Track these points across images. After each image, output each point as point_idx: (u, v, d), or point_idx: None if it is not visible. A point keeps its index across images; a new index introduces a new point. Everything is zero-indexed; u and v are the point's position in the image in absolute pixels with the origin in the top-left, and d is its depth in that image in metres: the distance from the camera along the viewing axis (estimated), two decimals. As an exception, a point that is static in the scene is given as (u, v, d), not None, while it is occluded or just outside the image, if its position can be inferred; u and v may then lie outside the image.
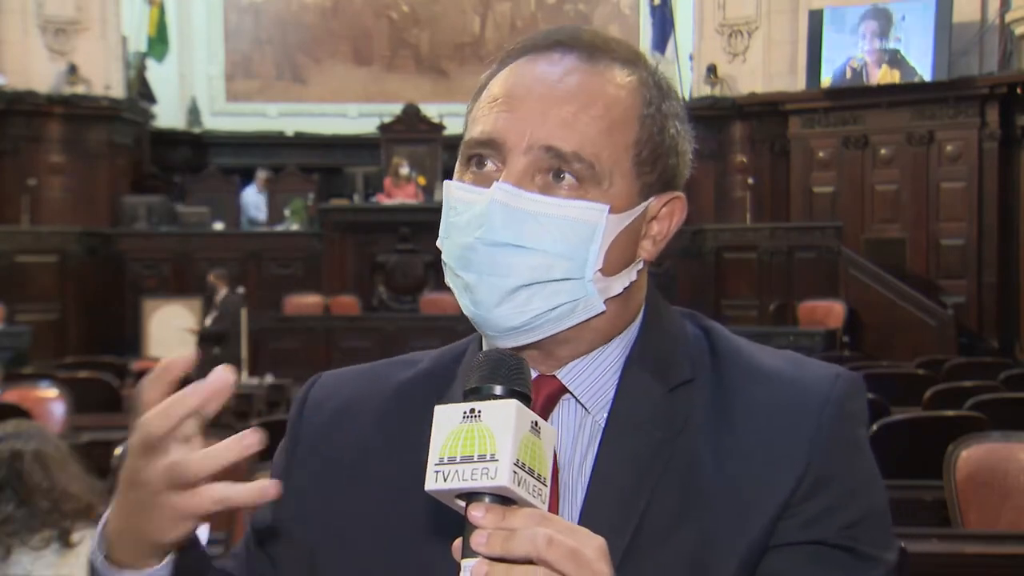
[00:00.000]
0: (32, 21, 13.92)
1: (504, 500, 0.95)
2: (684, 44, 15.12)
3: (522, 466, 0.95)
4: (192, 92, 17.26)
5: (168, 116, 16.69)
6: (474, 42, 17.75)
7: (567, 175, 1.11)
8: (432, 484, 0.96)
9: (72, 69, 13.97)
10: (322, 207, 13.97)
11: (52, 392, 6.05)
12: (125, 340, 12.89)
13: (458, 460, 0.95)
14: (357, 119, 17.09)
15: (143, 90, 15.80)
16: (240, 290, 11.34)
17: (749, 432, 1.13)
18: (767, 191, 14.02)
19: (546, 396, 1.15)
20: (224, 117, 17.33)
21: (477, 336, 1.23)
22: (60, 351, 12.04)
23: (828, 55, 13.35)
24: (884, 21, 13.04)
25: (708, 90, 14.40)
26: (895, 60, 12.92)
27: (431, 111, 15.33)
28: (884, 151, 13.27)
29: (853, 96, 13.29)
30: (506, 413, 0.96)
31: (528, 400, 0.99)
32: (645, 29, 16.22)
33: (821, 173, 13.72)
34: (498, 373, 0.99)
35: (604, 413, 1.15)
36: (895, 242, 13.11)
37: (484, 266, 1.11)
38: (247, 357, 11.79)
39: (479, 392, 0.99)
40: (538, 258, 1.10)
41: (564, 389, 1.16)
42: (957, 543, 3.53)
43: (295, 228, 14.25)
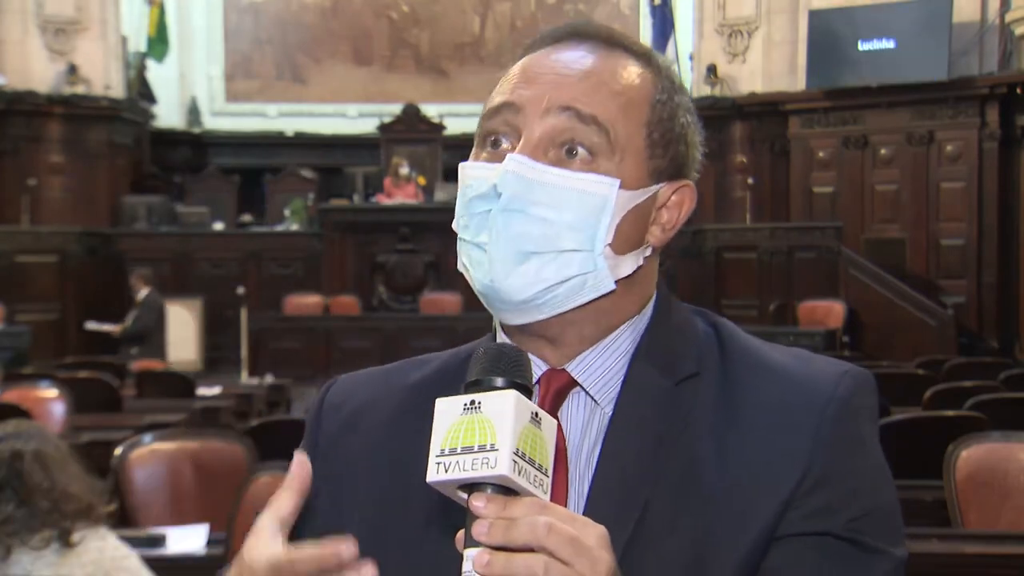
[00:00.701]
0: (32, 21, 13.92)
1: (506, 491, 0.95)
2: (684, 44, 15.11)
3: (522, 456, 0.95)
4: (192, 92, 17.27)
5: (168, 116, 16.69)
6: (474, 42, 17.74)
7: (580, 149, 1.13)
8: (433, 476, 0.97)
9: (72, 69, 13.97)
10: (322, 207, 13.97)
11: (52, 392, 6.06)
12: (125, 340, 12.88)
13: (459, 451, 0.96)
14: (357, 119, 17.09)
15: (143, 90, 15.81)
16: (152, 292, 11.15)
17: (753, 428, 1.13)
18: (767, 191, 14.02)
19: (556, 390, 1.16)
20: (224, 117, 17.33)
21: (489, 336, 1.25)
22: (60, 351, 12.03)
23: (828, 55, 13.34)
24: (884, 21, 13.03)
25: (708, 90, 14.40)
26: (895, 60, 12.92)
27: (431, 111, 15.33)
28: (884, 151, 13.28)
29: (853, 96, 13.28)
30: (505, 404, 0.96)
31: (529, 392, 1.00)
32: (645, 29, 16.21)
33: (821, 173, 13.72)
34: (498, 365, 1.00)
35: (612, 406, 1.16)
36: (895, 242, 13.11)
37: (496, 235, 1.12)
38: (247, 357, 11.81)
39: (479, 384, 1.00)
40: (549, 227, 1.12)
41: (574, 382, 1.17)
42: (957, 543, 3.54)
43: (295, 228, 14.25)
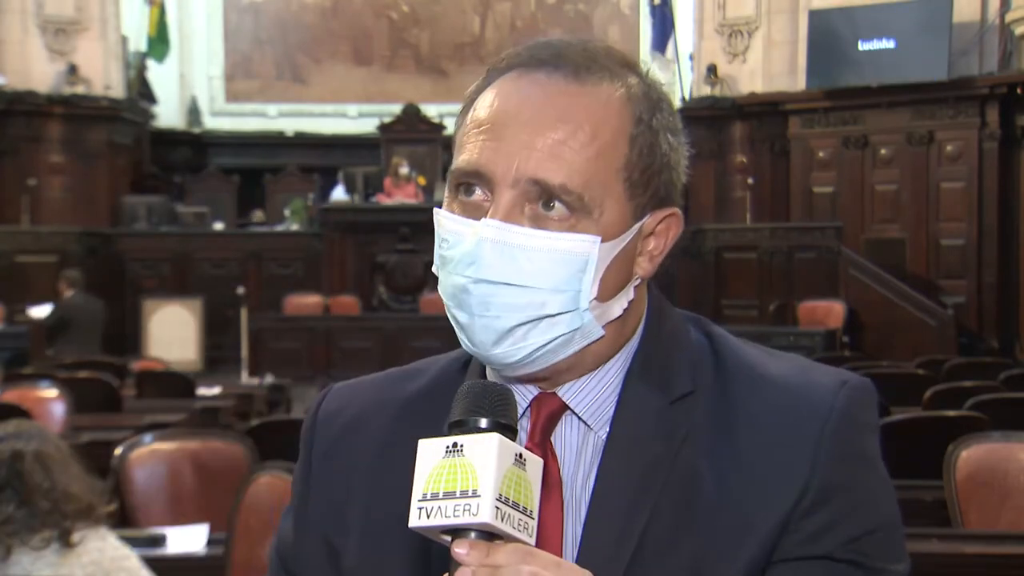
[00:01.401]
0: (32, 21, 13.92)
1: (490, 536, 0.94)
2: (684, 44, 15.12)
3: (506, 500, 0.94)
4: (192, 92, 17.27)
5: (168, 116, 16.70)
6: (474, 42, 17.75)
7: (557, 203, 1.09)
8: (415, 521, 0.95)
9: (72, 69, 13.97)
10: (322, 207, 13.97)
11: (52, 392, 6.05)
12: (125, 340, 12.88)
13: (441, 496, 0.94)
14: (357, 119, 17.11)
15: (143, 90, 15.81)
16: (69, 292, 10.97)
17: (751, 444, 1.11)
18: (767, 191, 14.01)
19: (547, 415, 1.15)
20: (224, 117, 17.34)
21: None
22: (60, 351, 12.02)
23: (828, 55, 13.34)
24: (884, 21, 13.03)
25: (708, 90, 14.40)
26: (895, 60, 12.92)
27: (431, 111, 15.33)
28: (884, 151, 13.27)
29: (853, 96, 13.28)
30: (488, 447, 0.95)
31: (513, 432, 0.98)
32: (645, 29, 16.23)
33: (821, 173, 13.72)
34: (482, 405, 0.99)
35: (607, 428, 1.14)
36: (895, 242, 13.11)
37: (477, 307, 1.09)
38: (247, 357, 11.79)
39: (462, 425, 0.98)
40: (531, 295, 1.09)
41: (565, 407, 1.15)
42: (957, 543, 3.53)
43: (295, 228, 14.25)
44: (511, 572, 0.92)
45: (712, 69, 14.39)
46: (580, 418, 1.15)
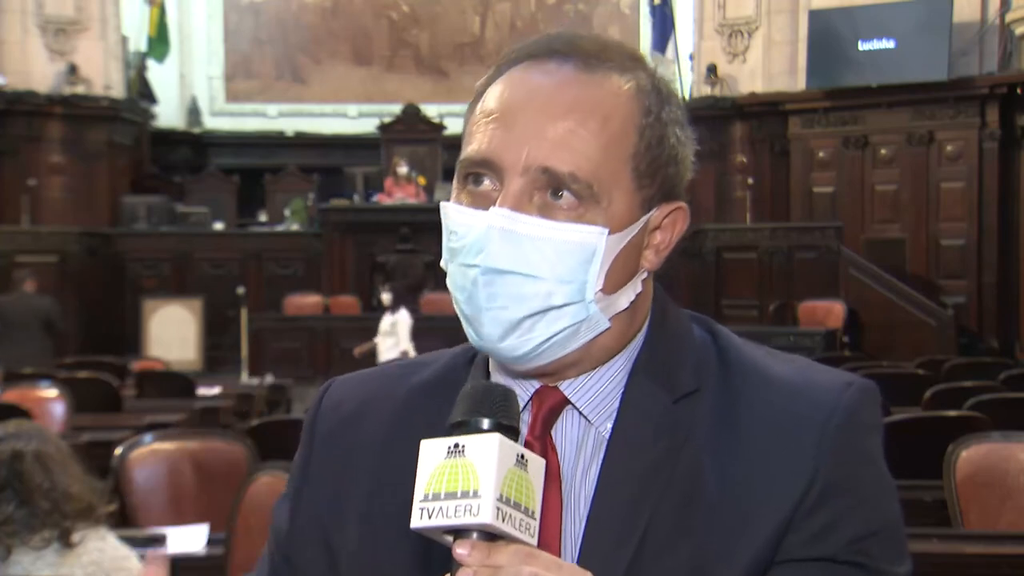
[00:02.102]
0: (32, 21, 13.93)
1: (491, 536, 0.94)
2: (684, 44, 15.12)
3: (507, 501, 0.94)
4: (192, 92, 17.28)
5: (168, 116, 16.70)
6: (474, 42, 17.75)
7: (565, 192, 1.09)
8: (417, 522, 0.96)
9: (72, 69, 13.98)
10: (322, 207, 13.97)
11: (52, 392, 6.06)
12: (125, 340, 12.89)
13: (442, 496, 0.95)
14: (357, 119, 17.11)
15: (143, 90, 15.81)
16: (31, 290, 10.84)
17: (754, 443, 1.11)
18: (767, 191, 14.02)
19: (549, 408, 1.14)
20: (224, 117, 17.34)
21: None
22: (60, 351, 12.03)
23: (828, 55, 13.34)
24: (884, 21, 13.03)
25: (708, 90, 14.40)
26: (895, 60, 12.92)
27: (431, 111, 15.34)
28: (884, 151, 13.28)
29: (853, 96, 13.28)
30: (489, 448, 0.95)
31: (515, 433, 0.98)
32: (645, 29, 16.23)
33: (821, 173, 13.73)
34: (484, 405, 0.99)
35: (608, 424, 1.14)
36: (895, 242, 13.11)
37: (485, 299, 1.10)
38: (247, 357, 11.80)
39: (464, 426, 0.98)
40: (537, 285, 1.09)
41: (567, 401, 1.15)
42: (957, 543, 3.53)
43: (295, 228, 14.25)
44: (512, 573, 0.93)
45: (712, 69, 14.39)
46: (581, 412, 1.15)
